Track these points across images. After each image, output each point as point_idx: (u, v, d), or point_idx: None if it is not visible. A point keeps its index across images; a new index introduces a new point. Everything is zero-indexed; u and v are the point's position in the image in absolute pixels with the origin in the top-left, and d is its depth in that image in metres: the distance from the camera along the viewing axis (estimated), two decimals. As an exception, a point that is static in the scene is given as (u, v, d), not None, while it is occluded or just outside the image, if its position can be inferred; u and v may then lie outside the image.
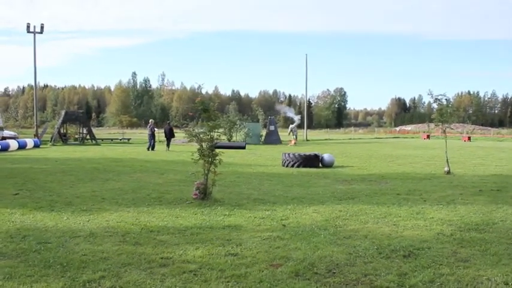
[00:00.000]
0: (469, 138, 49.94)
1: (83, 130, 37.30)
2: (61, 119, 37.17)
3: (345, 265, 5.55)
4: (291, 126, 42.29)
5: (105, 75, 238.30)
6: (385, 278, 5.11)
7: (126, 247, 6.28)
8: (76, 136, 37.62)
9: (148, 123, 30.11)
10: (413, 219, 8.24)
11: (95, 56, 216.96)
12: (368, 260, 5.73)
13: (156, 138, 30.55)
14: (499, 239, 6.84)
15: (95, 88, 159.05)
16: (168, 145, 28.68)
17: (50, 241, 6.54)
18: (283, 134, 49.18)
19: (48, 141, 35.55)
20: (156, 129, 30.00)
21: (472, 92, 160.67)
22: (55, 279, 4.98)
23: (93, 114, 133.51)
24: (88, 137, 36.94)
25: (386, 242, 6.62)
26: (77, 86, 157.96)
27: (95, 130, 45.36)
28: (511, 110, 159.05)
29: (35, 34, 39.97)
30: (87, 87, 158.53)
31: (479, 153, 27.63)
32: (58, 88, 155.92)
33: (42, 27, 40.18)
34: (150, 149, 28.21)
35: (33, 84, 49.86)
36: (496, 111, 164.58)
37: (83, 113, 41.30)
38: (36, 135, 38.38)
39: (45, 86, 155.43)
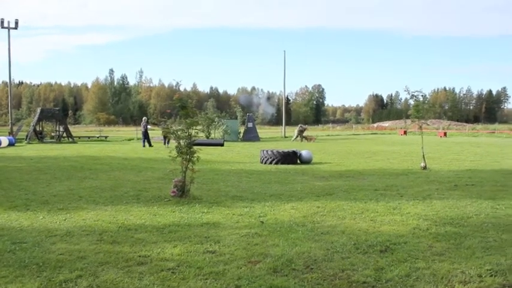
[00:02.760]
0: (445, 133, 50.58)
1: (59, 128, 36.76)
2: (37, 116, 36.58)
3: (322, 261, 5.59)
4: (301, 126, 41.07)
5: (81, 72, 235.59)
6: (362, 272, 5.16)
7: (104, 246, 6.23)
8: (52, 134, 37.09)
9: (142, 121, 30.76)
10: (390, 214, 8.33)
11: (72, 53, 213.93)
12: (345, 256, 5.78)
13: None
14: (473, 232, 6.96)
15: (72, 85, 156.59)
16: (165, 142, 28.77)
17: (25, 241, 6.46)
18: (262, 131, 49.27)
19: (23, 139, 35.03)
20: (149, 126, 30.30)
21: (448, 88, 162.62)
22: (31, 280, 4.93)
23: (70, 112, 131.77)
24: (64, 134, 36.44)
25: (363, 237, 6.68)
26: (53, 83, 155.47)
27: (71, 128, 44.85)
28: (486, 105, 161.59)
29: (9, 30, 39.31)
30: (63, 84, 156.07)
31: (455, 148, 28.03)
32: (34, 85, 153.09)
33: (16, 23, 39.55)
34: (147, 145, 29.42)
35: (7, 81, 49.05)
36: (471, 107, 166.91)
37: (59, 110, 40.73)
38: (11, 133, 37.78)
39: (20, 83, 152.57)
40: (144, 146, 29.31)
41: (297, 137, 38.08)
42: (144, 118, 31.17)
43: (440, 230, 7.10)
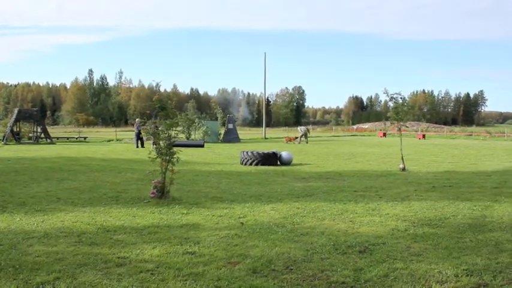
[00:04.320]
0: (424, 136, 51.12)
1: (37, 129, 36.29)
2: (14, 117, 36.02)
3: (302, 261, 5.61)
4: (303, 128, 40.08)
5: (60, 73, 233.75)
6: (341, 273, 5.20)
7: (82, 247, 6.17)
8: (30, 135, 36.59)
9: (135, 122, 30.82)
10: (369, 215, 8.40)
11: (50, 53, 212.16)
12: (325, 256, 5.82)
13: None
14: (450, 233, 7.05)
15: (50, 85, 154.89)
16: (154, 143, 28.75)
17: (1, 243, 6.36)
18: (242, 133, 49.27)
19: (0, 140, 34.50)
20: (143, 127, 30.35)
21: (426, 91, 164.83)
22: (7, 282, 4.86)
23: (48, 112, 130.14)
24: (42, 135, 35.97)
25: (342, 238, 6.72)
26: (31, 83, 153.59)
27: (50, 129, 44.29)
28: (464, 108, 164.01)
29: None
30: (41, 85, 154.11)
31: (433, 150, 28.36)
32: (11, 85, 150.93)
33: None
34: (139, 146, 29.38)
35: (-16, 81, 48.27)
36: (449, 109, 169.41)
37: (37, 111, 40.10)
38: (-13, 134, 37.17)
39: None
40: (137, 147, 29.27)
41: (301, 137, 37.33)
42: (137, 120, 31.10)
43: (419, 231, 7.18)
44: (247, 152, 18.14)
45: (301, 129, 39.07)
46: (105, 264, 5.45)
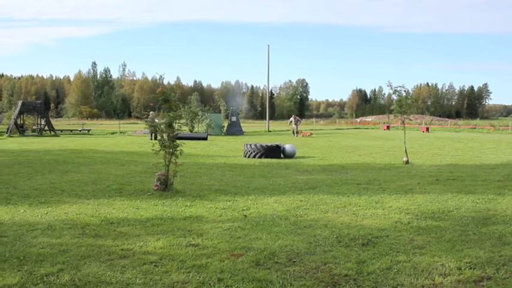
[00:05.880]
0: (427, 129, 50.93)
1: (41, 121, 36.37)
2: (18, 109, 36.12)
3: (305, 254, 5.62)
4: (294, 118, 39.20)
5: (64, 65, 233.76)
6: (344, 265, 5.21)
7: (86, 239, 6.20)
8: (34, 127, 36.70)
9: (149, 114, 31.09)
10: (372, 208, 8.40)
11: (54, 46, 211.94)
12: (328, 249, 5.82)
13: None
14: (454, 226, 7.05)
15: (54, 78, 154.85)
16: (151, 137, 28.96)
17: (5, 235, 6.39)
18: (245, 125, 49.25)
19: (4, 132, 34.59)
20: (156, 120, 30.55)
21: (430, 84, 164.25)
22: (11, 273, 4.88)
23: (52, 105, 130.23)
24: (46, 128, 36.07)
25: (345, 231, 6.73)
26: (35, 76, 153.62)
27: (53, 121, 44.39)
28: (468, 101, 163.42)
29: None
30: (45, 77, 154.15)
31: (437, 143, 28.28)
32: (14, 78, 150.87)
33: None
34: (152, 138, 28.99)
35: (-12, 73, 48.30)
36: (453, 102, 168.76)
37: (41, 103, 40.20)
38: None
39: (1, 76, 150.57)
40: (151, 139, 29.21)
41: (296, 131, 37.07)
42: (151, 112, 31.24)
43: (422, 224, 7.18)
44: (250, 145, 18.14)
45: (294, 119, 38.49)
46: (109, 256, 5.48)
